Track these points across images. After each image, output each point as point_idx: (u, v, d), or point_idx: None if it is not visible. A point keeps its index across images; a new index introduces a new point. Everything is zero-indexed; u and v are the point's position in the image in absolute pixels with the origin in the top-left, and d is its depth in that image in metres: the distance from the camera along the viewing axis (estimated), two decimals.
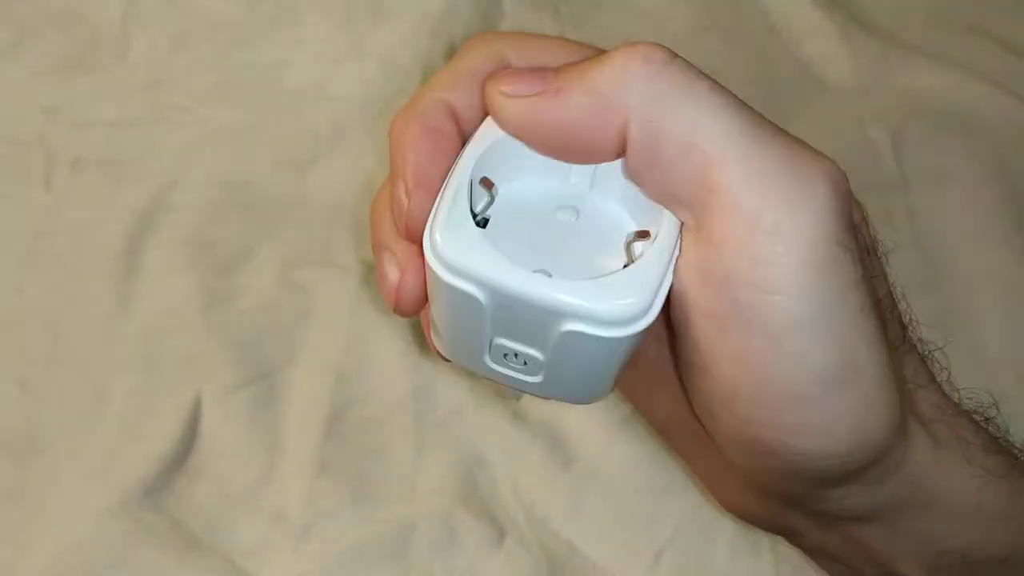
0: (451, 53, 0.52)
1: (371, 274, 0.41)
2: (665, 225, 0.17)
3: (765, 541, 0.32)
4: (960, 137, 0.47)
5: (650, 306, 0.16)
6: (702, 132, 0.17)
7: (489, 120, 0.18)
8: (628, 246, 0.18)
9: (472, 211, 0.18)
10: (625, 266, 0.17)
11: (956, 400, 0.22)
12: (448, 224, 0.17)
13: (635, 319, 0.16)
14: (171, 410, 0.37)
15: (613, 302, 0.16)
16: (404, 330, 0.39)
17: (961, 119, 0.48)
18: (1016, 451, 0.21)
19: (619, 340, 0.16)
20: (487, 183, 0.18)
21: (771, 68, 0.52)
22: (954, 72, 0.50)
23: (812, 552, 0.23)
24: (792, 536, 0.23)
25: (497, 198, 0.19)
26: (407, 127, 0.19)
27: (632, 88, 0.17)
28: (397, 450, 0.35)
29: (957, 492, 0.20)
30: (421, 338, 0.39)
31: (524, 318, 0.17)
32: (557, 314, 0.16)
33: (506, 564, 0.32)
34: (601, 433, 0.35)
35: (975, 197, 0.44)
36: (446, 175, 0.18)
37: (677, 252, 0.17)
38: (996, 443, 0.21)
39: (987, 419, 0.22)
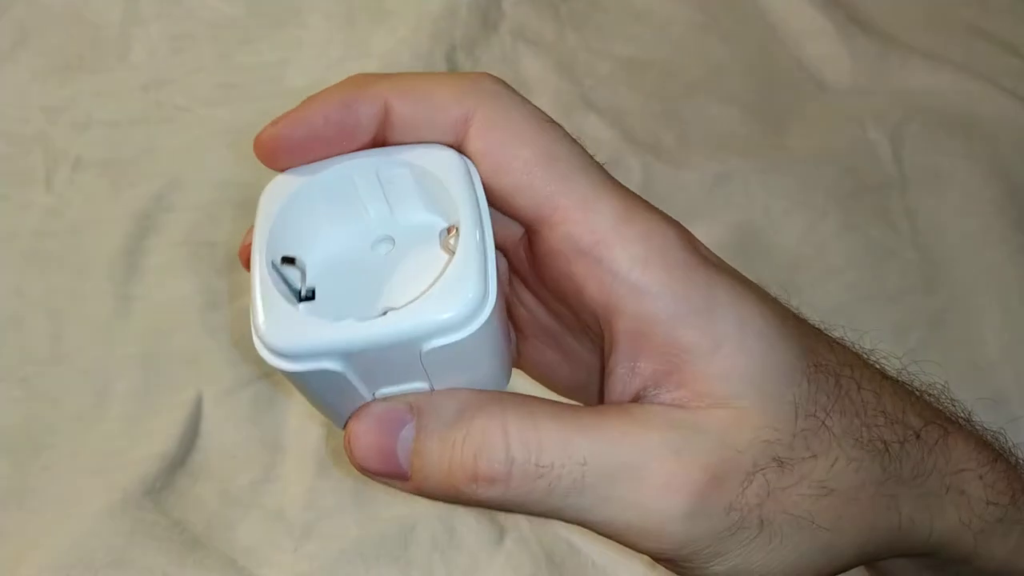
0: (451, 53, 0.52)
1: None
2: (463, 213, 0.17)
3: None
4: (959, 137, 0.47)
5: (487, 291, 0.16)
6: None
7: (263, 199, 0.18)
8: (445, 244, 0.18)
9: (295, 291, 0.17)
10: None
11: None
12: (269, 318, 0.16)
13: (480, 308, 0.16)
14: (172, 409, 0.37)
15: (454, 306, 0.16)
16: None
17: (960, 119, 0.48)
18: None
19: (478, 333, 0.16)
20: (289, 260, 0.17)
21: (770, 68, 0.52)
22: (953, 72, 0.50)
23: None
24: None
25: (308, 268, 0.18)
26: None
27: None
28: None
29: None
30: None
31: (388, 361, 0.16)
32: (413, 342, 0.16)
33: (506, 563, 0.32)
34: None
35: (974, 197, 0.44)
36: None
37: (487, 228, 0.17)
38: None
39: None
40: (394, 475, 0.17)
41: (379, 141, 0.18)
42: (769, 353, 0.17)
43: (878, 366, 0.20)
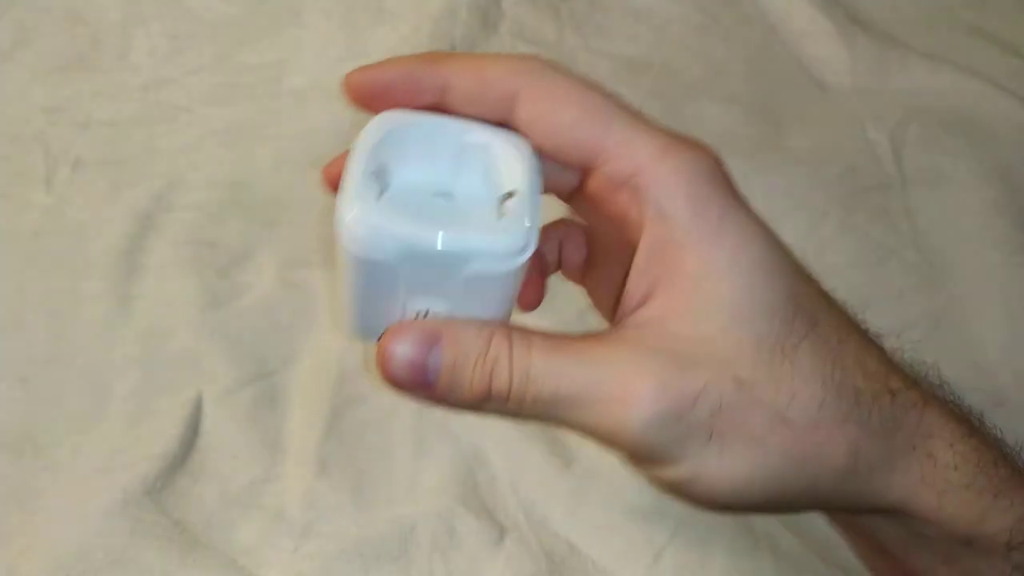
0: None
1: None
2: (524, 182, 0.20)
3: (764, 541, 0.32)
4: (959, 137, 0.47)
5: (529, 243, 0.20)
6: None
7: (368, 127, 0.21)
8: (501, 206, 0.21)
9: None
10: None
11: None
12: (356, 202, 0.19)
13: (523, 252, 0.19)
14: (172, 409, 0.37)
15: (506, 241, 0.19)
16: None
17: (960, 119, 0.48)
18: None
19: (512, 272, 0.20)
20: (377, 176, 0.21)
21: (770, 68, 0.52)
22: (953, 73, 0.50)
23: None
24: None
25: (387, 189, 0.21)
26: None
27: None
28: (397, 449, 0.36)
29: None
30: None
31: (434, 272, 0.20)
32: (463, 260, 0.19)
33: (506, 563, 0.32)
34: None
35: (974, 197, 0.44)
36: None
37: (539, 196, 0.21)
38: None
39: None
40: (420, 387, 0.20)
41: (439, 106, 0.21)
42: (747, 289, 0.19)
43: (874, 335, 0.21)
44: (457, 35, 0.53)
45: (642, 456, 0.20)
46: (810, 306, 0.20)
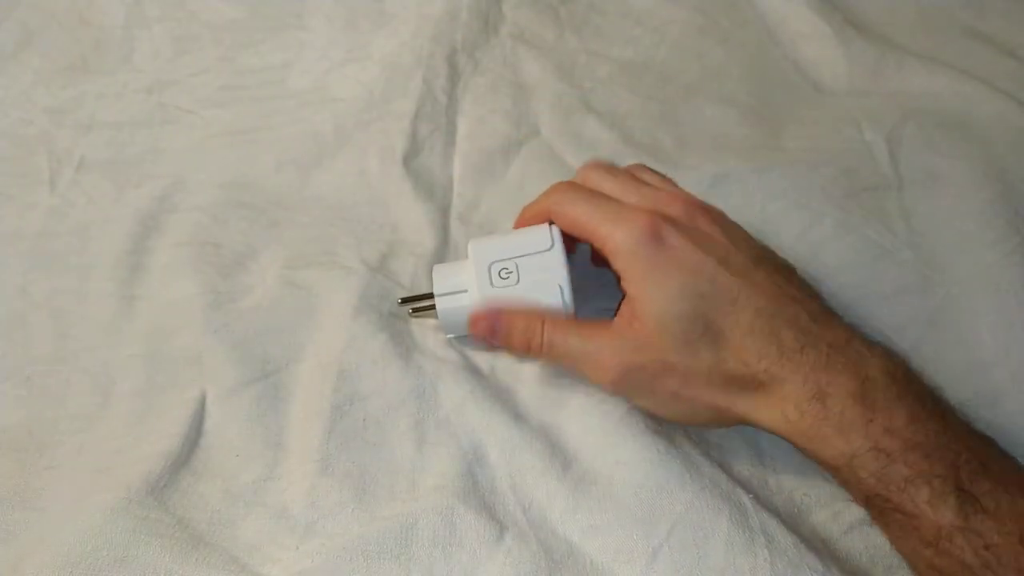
0: (452, 56, 0.52)
1: (373, 275, 0.42)
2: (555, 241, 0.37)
3: (760, 538, 0.32)
4: (955, 138, 0.47)
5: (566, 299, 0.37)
6: None
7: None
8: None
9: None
10: None
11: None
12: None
13: (565, 296, 0.37)
14: (175, 408, 0.37)
15: (556, 293, 0.37)
16: (406, 331, 0.40)
17: (956, 121, 0.48)
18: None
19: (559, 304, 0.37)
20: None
21: (768, 70, 0.53)
22: (949, 74, 0.50)
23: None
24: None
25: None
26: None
27: None
28: (399, 448, 0.36)
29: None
30: (425, 340, 0.40)
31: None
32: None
33: (506, 560, 0.32)
34: (599, 434, 0.36)
35: (970, 198, 0.44)
36: None
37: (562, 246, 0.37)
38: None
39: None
40: (491, 336, 0.36)
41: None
42: (664, 307, 0.33)
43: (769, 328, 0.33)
44: (458, 38, 0.53)
45: (617, 393, 0.36)
46: (707, 311, 0.33)
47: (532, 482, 0.34)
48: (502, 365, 0.39)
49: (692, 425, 0.35)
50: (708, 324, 0.32)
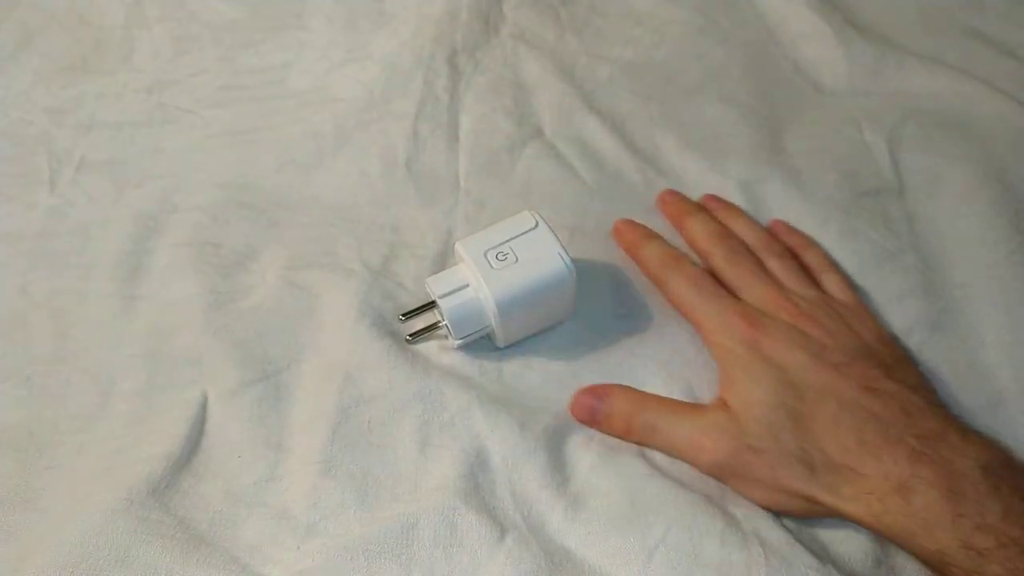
0: (452, 57, 0.52)
1: (376, 277, 0.42)
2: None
3: (753, 537, 0.32)
4: (956, 139, 0.47)
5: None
6: None
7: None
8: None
9: None
10: None
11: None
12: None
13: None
14: (176, 409, 0.37)
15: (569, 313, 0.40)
16: (403, 332, 0.40)
17: (956, 121, 0.48)
18: None
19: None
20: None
21: (768, 70, 0.53)
22: (949, 74, 0.50)
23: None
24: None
25: None
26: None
27: None
28: (402, 450, 0.36)
29: None
30: (430, 343, 0.40)
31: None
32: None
33: (507, 561, 0.32)
34: (602, 447, 0.36)
35: (972, 198, 0.44)
36: None
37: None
38: None
39: None
40: (591, 423, 0.37)
41: None
42: (755, 406, 0.34)
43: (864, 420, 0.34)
44: (458, 38, 0.53)
45: (712, 475, 0.35)
46: (794, 403, 0.34)
47: (532, 493, 0.34)
48: (509, 369, 0.39)
49: (787, 514, 0.34)
50: (794, 415, 0.33)
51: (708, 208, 0.44)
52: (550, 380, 0.38)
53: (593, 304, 0.41)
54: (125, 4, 0.57)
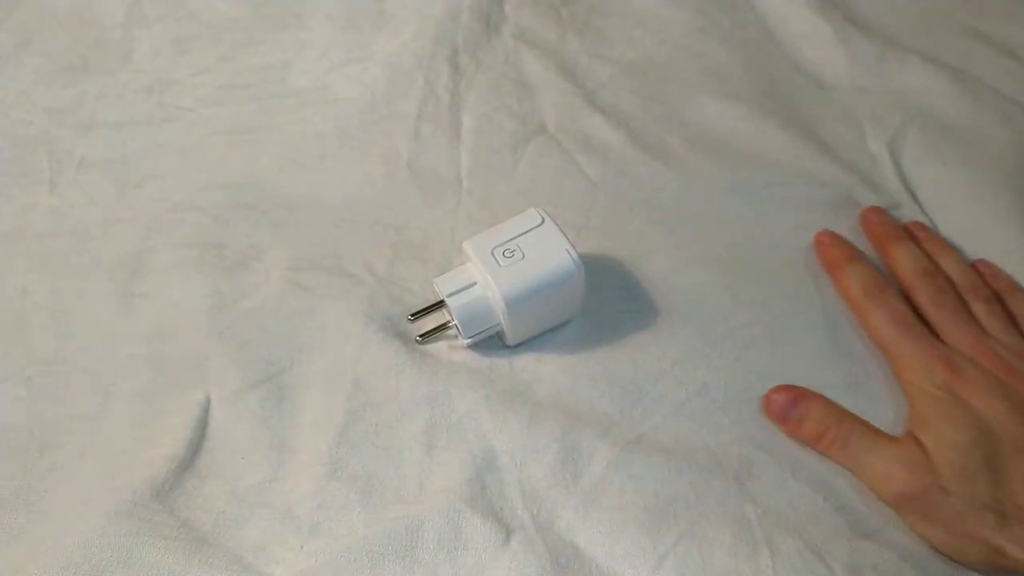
0: (454, 56, 0.52)
1: (380, 279, 0.42)
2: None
3: (764, 545, 0.33)
4: (957, 139, 0.47)
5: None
6: None
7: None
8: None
9: None
10: None
11: None
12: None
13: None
14: (179, 411, 0.37)
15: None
16: (411, 334, 0.40)
17: (957, 123, 0.48)
18: None
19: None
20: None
21: (769, 70, 0.53)
22: (950, 74, 0.50)
23: None
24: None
25: None
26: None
27: None
28: (408, 452, 0.36)
29: None
30: (439, 344, 0.39)
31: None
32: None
33: (511, 563, 0.32)
34: (611, 446, 0.36)
35: (972, 199, 0.44)
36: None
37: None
38: None
39: None
40: (782, 423, 0.37)
41: None
42: (950, 449, 0.34)
43: None
44: (459, 38, 0.53)
45: (895, 508, 0.34)
46: (990, 450, 0.33)
47: (542, 491, 0.34)
48: (520, 365, 0.39)
49: (964, 563, 0.34)
50: (990, 463, 0.33)
51: (914, 236, 0.43)
52: (562, 376, 0.38)
53: (601, 300, 0.41)
54: (125, 4, 0.57)
